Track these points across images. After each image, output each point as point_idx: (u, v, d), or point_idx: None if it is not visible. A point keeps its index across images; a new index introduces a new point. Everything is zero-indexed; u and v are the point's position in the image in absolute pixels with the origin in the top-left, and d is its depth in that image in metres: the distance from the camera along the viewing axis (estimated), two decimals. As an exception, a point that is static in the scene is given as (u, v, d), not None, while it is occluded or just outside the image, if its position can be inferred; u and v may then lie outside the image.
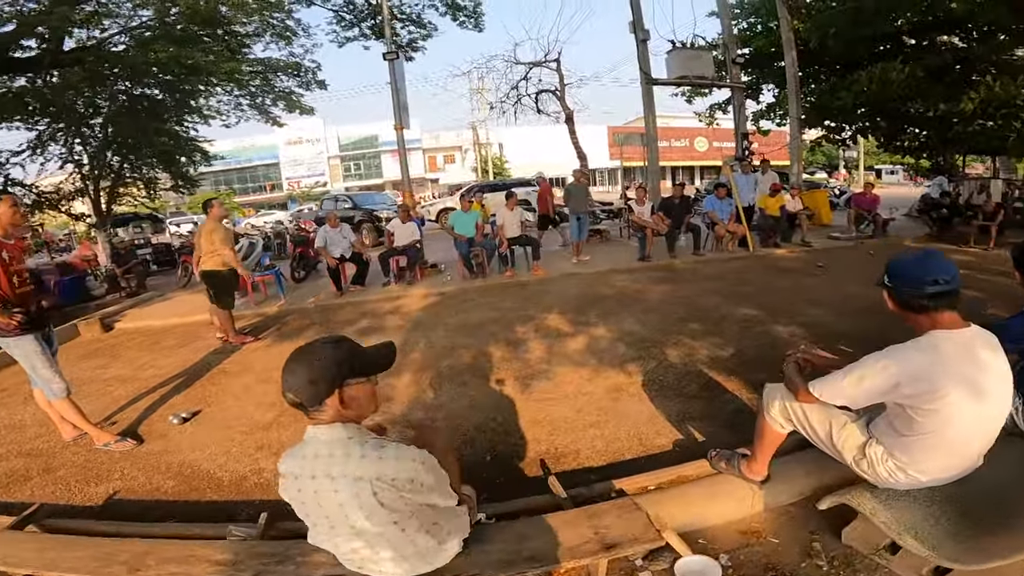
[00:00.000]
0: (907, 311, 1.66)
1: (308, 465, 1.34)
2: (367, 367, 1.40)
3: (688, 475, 2.40)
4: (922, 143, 14.44)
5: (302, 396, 1.31)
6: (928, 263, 1.62)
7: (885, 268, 1.72)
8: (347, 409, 1.33)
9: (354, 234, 7.92)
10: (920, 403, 1.56)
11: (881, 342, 1.97)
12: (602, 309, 5.75)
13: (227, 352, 5.49)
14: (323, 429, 1.34)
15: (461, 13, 13.64)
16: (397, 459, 1.32)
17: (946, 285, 1.56)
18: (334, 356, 1.33)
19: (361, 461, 1.29)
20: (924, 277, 1.58)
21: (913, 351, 1.58)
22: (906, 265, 1.66)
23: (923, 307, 1.60)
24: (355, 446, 1.32)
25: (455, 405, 3.63)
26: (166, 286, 10.32)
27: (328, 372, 1.31)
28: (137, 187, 11.93)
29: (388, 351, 1.50)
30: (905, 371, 1.56)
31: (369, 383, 1.40)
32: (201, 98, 12.07)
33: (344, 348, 1.38)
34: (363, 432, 1.37)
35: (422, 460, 1.35)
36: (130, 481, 2.97)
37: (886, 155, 28.32)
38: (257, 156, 43.84)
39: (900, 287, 1.65)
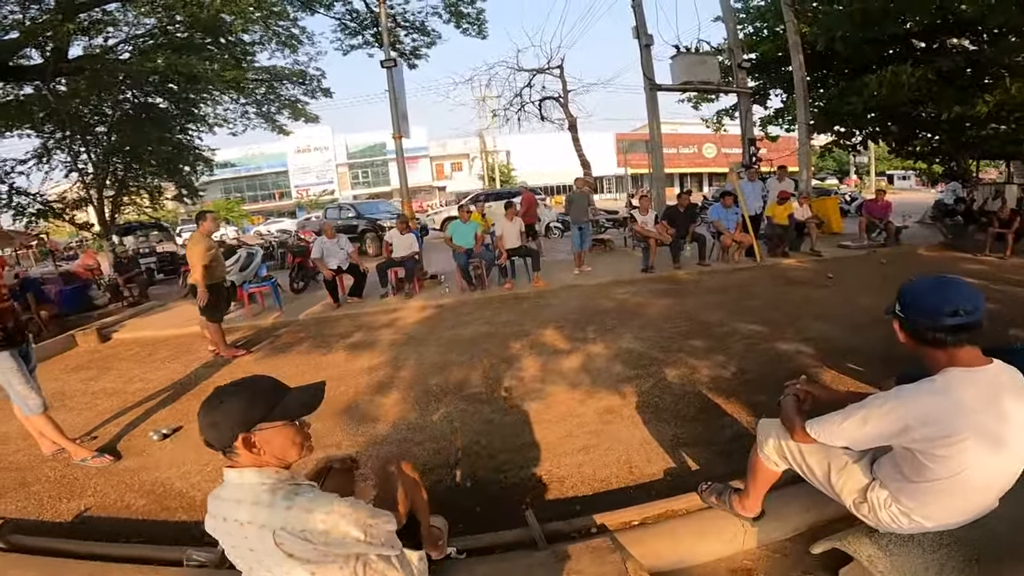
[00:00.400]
0: (921, 345, 1.45)
1: (221, 507, 1.28)
2: (285, 410, 1.30)
3: (676, 509, 2.24)
4: (934, 148, 14.13)
5: (208, 439, 1.26)
6: (948, 291, 1.41)
7: (897, 295, 1.52)
8: (259, 454, 1.26)
9: (351, 244, 7.81)
10: (931, 448, 1.38)
11: (891, 360, 1.80)
12: (600, 324, 5.58)
13: (218, 365, 5.42)
14: (235, 473, 1.27)
15: (464, 20, 13.59)
16: (308, 511, 1.22)
17: (968, 317, 1.36)
18: (238, 400, 1.26)
19: (267, 510, 1.21)
20: (942, 307, 1.37)
21: (925, 393, 1.40)
22: (922, 292, 1.46)
23: (939, 341, 1.40)
24: (264, 493, 1.23)
25: (439, 426, 3.49)
26: (168, 295, 10.31)
27: (231, 417, 1.24)
28: (141, 196, 11.98)
29: (311, 393, 1.40)
30: (915, 414, 1.38)
31: (288, 427, 1.30)
32: (206, 106, 12.16)
33: (251, 392, 1.30)
34: (281, 478, 1.28)
35: (342, 512, 1.25)
36: (102, 498, 2.95)
37: (898, 160, 27.93)
38: (267, 164, 44.22)
39: (914, 318, 1.44)
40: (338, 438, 3.49)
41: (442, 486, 2.83)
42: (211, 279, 5.39)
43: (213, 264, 5.41)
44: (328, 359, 5.23)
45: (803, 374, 2.14)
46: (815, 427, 1.57)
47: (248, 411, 1.25)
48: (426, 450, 3.20)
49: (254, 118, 13.93)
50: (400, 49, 13.72)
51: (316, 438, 3.42)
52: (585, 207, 8.92)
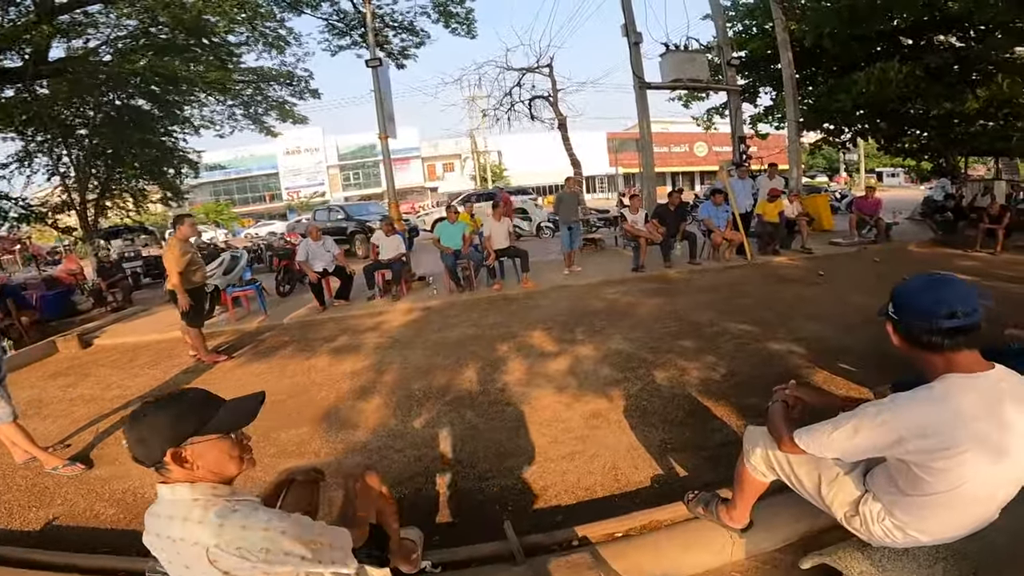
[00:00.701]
0: (916, 348, 1.35)
1: (156, 523, 1.24)
2: (218, 424, 1.25)
3: (661, 520, 2.15)
4: (923, 145, 14.17)
5: (136, 455, 1.21)
6: (943, 291, 1.31)
7: (890, 296, 1.42)
8: (192, 469, 1.21)
9: (337, 247, 7.67)
10: (928, 461, 1.29)
11: (884, 360, 1.71)
12: (589, 325, 5.49)
13: (198, 371, 5.31)
14: (167, 489, 1.23)
15: (453, 20, 13.48)
16: (243, 527, 1.16)
17: (965, 319, 1.26)
18: (165, 414, 1.21)
19: (198, 527, 1.16)
20: (937, 309, 1.27)
21: (922, 402, 1.29)
22: (915, 293, 1.36)
23: (936, 345, 1.30)
24: (196, 510, 1.18)
25: (420, 432, 3.38)
26: (152, 300, 10.15)
27: (158, 432, 1.19)
28: (124, 199, 11.78)
29: (247, 406, 1.33)
30: (910, 425, 1.28)
31: (222, 440, 1.25)
32: (191, 108, 11.99)
33: (179, 405, 1.24)
34: (218, 493, 1.23)
35: (282, 529, 1.18)
36: (71, 507, 2.90)
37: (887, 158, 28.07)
38: (256, 166, 43.90)
39: (908, 320, 1.34)
40: (316, 446, 3.39)
41: (422, 496, 2.72)
42: (189, 284, 5.25)
43: (191, 269, 5.27)
44: (310, 363, 5.11)
45: (792, 378, 2.06)
46: (803, 437, 1.47)
47: (176, 425, 1.20)
48: (406, 457, 3.09)
49: (241, 120, 13.77)
50: (388, 49, 13.59)
51: (294, 446, 3.40)
52: (575, 206, 8.84)
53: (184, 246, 5.23)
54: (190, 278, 5.27)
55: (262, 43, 12.03)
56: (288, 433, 3.59)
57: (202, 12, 9.15)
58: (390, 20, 13.26)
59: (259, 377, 4.90)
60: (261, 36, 11.79)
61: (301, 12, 12.43)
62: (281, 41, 12.31)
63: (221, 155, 42.80)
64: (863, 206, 9.91)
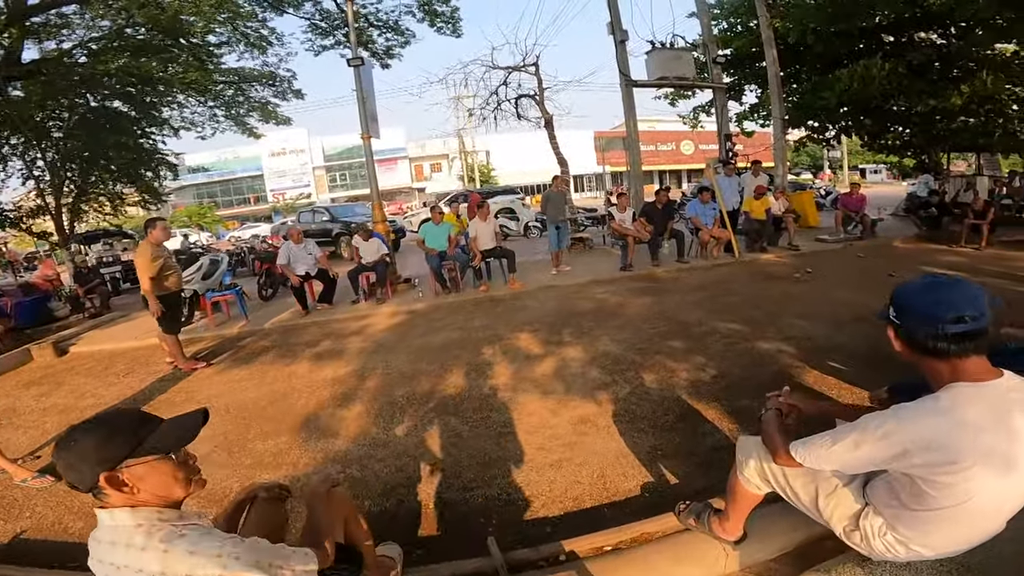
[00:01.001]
0: (920, 355, 1.26)
1: (98, 549, 1.18)
2: (157, 444, 1.18)
3: (651, 532, 2.06)
4: (906, 141, 14.30)
5: (70, 481, 1.15)
6: (948, 293, 1.21)
7: (890, 298, 1.32)
8: (133, 493, 1.14)
9: (319, 249, 7.51)
10: (933, 475, 1.20)
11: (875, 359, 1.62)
12: (577, 326, 5.40)
13: (175, 379, 5.16)
14: (106, 515, 1.16)
15: (439, 19, 13.38)
16: (191, 553, 1.09)
17: (973, 323, 1.16)
18: (94, 437, 1.14)
19: (142, 554, 1.10)
20: (943, 313, 1.18)
21: (927, 414, 1.20)
22: (918, 295, 1.26)
23: (941, 352, 1.20)
24: (139, 536, 1.12)
25: (403, 441, 3.27)
26: (132, 306, 9.90)
27: (88, 456, 1.12)
28: (100, 203, 11.50)
29: (186, 424, 1.27)
30: (915, 438, 1.19)
31: (163, 462, 1.18)
32: (169, 110, 11.76)
33: (108, 427, 1.17)
34: (163, 518, 1.16)
35: (236, 554, 1.11)
36: (39, 520, 2.84)
37: (869, 154, 28.36)
38: (241, 168, 43.37)
39: (911, 325, 1.25)
40: (295, 455, 3.26)
41: (404, 507, 2.62)
42: (163, 290, 5.09)
43: (165, 274, 5.11)
44: (291, 369, 4.97)
45: (784, 379, 1.97)
46: (801, 450, 1.38)
47: (106, 448, 1.12)
48: (388, 467, 2.98)
49: (223, 121, 13.55)
50: (373, 49, 13.47)
51: (272, 456, 3.27)
52: (562, 206, 8.76)
53: (156, 250, 5.06)
54: (163, 283, 5.10)
55: (243, 43, 11.85)
56: (265, 443, 3.47)
57: (179, 12, 8.96)
58: (374, 19, 13.13)
59: (238, 384, 4.75)
60: (242, 36, 11.61)
61: (283, 12, 12.25)
62: (263, 41, 12.13)
63: (205, 157, 42.25)
64: (848, 203, 9.94)
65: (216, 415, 4.06)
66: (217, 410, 4.15)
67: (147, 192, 11.80)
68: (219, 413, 4.09)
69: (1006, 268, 6.56)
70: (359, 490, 2.78)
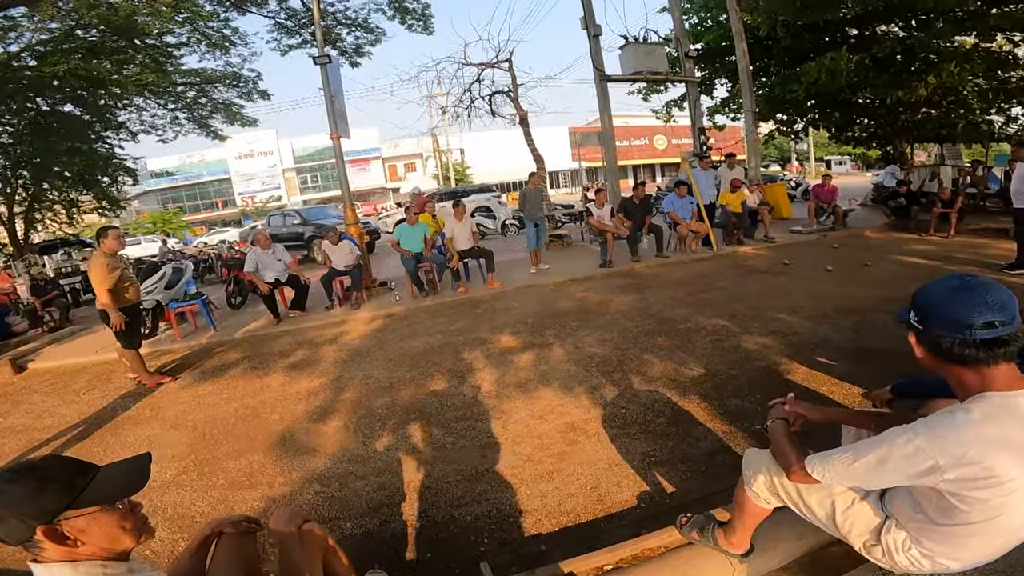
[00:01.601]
0: (946, 363, 1.16)
1: None
2: (98, 494, 1.07)
3: (653, 548, 1.94)
4: (871, 133, 14.61)
5: None
6: (977, 296, 1.09)
7: (911, 301, 1.21)
8: (75, 546, 1.04)
9: (289, 254, 7.22)
10: (965, 490, 1.11)
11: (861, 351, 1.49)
12: (560, 327, 5.28)
13: (139, 396, 4.88)
14: (42, 570, 1.05)
15: (409, 16, 13.15)
16: None
17: (1003, 328, 1.06)
18: (23, 488, 1.03)
19: None
20: (973, 318, 1.07)
21: (960, 427, 1.10)
22: (943, 299, 1.14)
23: (970, 360, 1.10)
24: None
25: (384, 456, 3.10)
26: (93, 318, 9.44)
27: (17, 508, 1.01)
28: (55, 211, 10.95)
29: (131, 471, 1.15)
30: (947, 453, 1.09)
31: (106, 513, 1.08)
32: (126, 113, 11.25)
33: (38, 478, 1.05)
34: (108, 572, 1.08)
35: None
36: None
37: (835, 147, 29.04)
38: (207, 171, 42.12)
39: (935, 331, 1.13)
40: (270, 475, 3.07)
41: (388, 528, 2.46)
42: (122, 302, 4.79)
43: (122, 286, 4.80)
44: (263, 382, 4.73)
45: (774, 376, 1.88)
46: (819, 467, 1.27)
47: (38, 500, 1.02)
48: (369, 485, 2.82)
49: (185, 123, 13.12)
50: (342, 47, 13.18)
51: (245, 476, 3.05)
52: (539, 203, 8.64)
53: (112, 261, 4.75)
54: (122, 295, 4.80)
55: (205, 44, 11.47)
56: (238, 462, 3.27)
57: (133, 13, 8.55)
58: (343, 17, 12.84)
59: (206, 399, 4.51)
60: (203, 37, 11.22)
61: (246, 11, 11.86)
62: (226, 41, 11.75)
63: (168, 161, 41.17)
64: (820, 194, 10.06)
65: (184, 433, 3.88)
66: (185, 427, 3.95)
67: (104, 199, 11.26)
68: (187, 430, 3.88)
69: (977, 255, 6.69)
70: (340, 511, 2.62)
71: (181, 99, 12.02)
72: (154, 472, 3.20)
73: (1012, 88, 11.07)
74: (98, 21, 8.43)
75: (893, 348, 3.53)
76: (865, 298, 5.05)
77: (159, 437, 3.83)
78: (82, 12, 8.35)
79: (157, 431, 3.96)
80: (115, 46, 9.48)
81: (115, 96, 10.11)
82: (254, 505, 2.78)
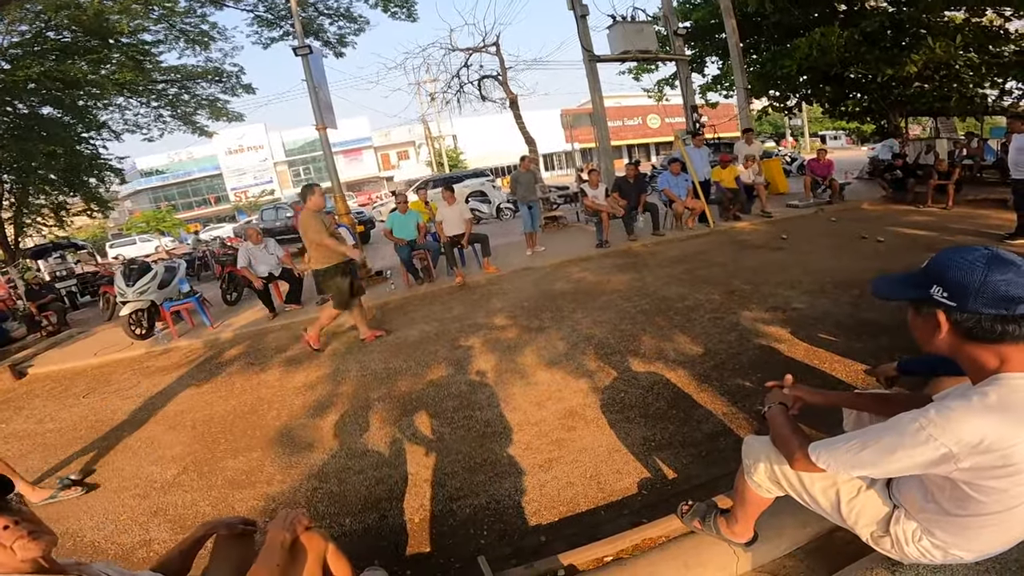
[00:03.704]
0: (968, 342, 1.06)
1: None
2: None
3: (655, 537, 1.90)
4: (865, 108, 14.45)
5: None
6: (1019, 271, 1.00)
7: (927, 274, 1.10)
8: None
9: (282, 248, 7.13)
10: (981, 479, 1.05)
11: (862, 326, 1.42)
12: (557, 310, 5.22)
13: (138, 397, 4.86)
14: None
15: (392, 4, 12.93)
16: None
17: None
18: None
19: None
20: (1019, 292, 0.98)
21: (976, 412, 1.02)
22: (982, 274, 1.01)
23: (1008, 336, 1.01)
24: None
25: (382, 449, 3.06)
26: (91, 321, 9.43)
27: None
28: (43, 215, 10.82)
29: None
30: (963, 441, 1.02)
31: None
32: (108, 113, 11.08)
33: None
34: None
35: None
36: None
37: (829, 121, 28.77)
38: (197, 168, 41.72)
39: (979, 308, 1.01)
40: (269, 472, 3.04)
41: (387, 523, 2.42)
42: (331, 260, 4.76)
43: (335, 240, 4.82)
44: (260, 378, 4.69)
45: (774, 357, 1.82)
46: (824, 455, 1.21)
47: None
48: (367, 479, 2.79)
49: (170, 121, 12.95)
50: (325, 38, 12.98)
51: (244, 474, 3.03)
52: (532, 185, 8.54)
53: (319, 216, 4.70)
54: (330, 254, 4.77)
55: (183, 40, 11.26)
56: (236, 460, 3.24)
57: (102, 12, 8.33)
58: (324, 7, 12.63)
59: (204, 397, 4.47)
60: (181, 33, 11.00)
61: (223, 6, 11.62)
62: (204, 37, 11.56)
63: (157, 160, 40.75)
64: (816, 168, 9.97)
65: (183, 433, 3.86)
66: (183, 427, 3.93)
67: (92, 200, 11.12)
68: (186, 430, 3.86)
69: (975, 226, 6.63)
70: (338, 506, 2.60)
71: (163, 96, 11.85)
72: (154, 474, 3.25)
73: (1005, 63, 10.92)
74: (68, 22, 8.23)
75: (893, 322, 3.50)
76: (863, 271, 4.99)
77: (159, 438, 3.81)
78: (51, 14, 8.15)
79: (157, 432, 3.94)
80: (89, 46, 9.28)
81: (94, 96, 9.92)
82: (254, 504, 2.75)
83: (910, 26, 10.65)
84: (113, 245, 26.59)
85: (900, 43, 10.88)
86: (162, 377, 5.28)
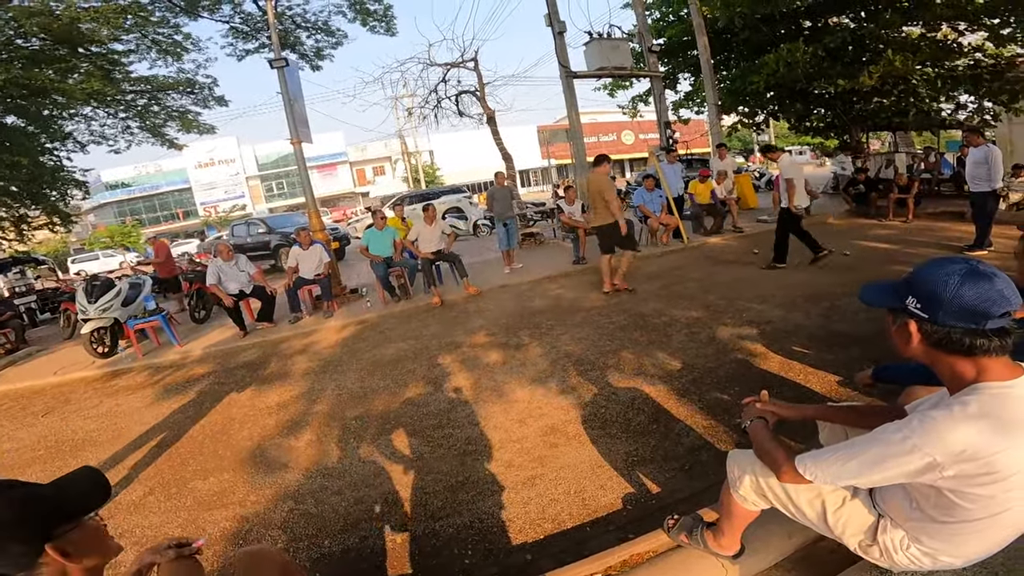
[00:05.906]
0: (944, 353, 1.09)
1: None
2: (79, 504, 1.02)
3: (641, 552, 1.89)
4: (828, 123, 15.00)
5: None
6: (992, 285, 1.02)
7: (906, 286, 1.13)
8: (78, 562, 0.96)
9: (253, 265, 6.97)
10: (967, 487, 1.07)
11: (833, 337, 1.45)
12: (535, 327, 5.22)
13: (99, 417, 4.68)
14: None
15: (371, 18, 12.92)
16: None
17: (1008, 318, 1.02)
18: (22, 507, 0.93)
19: None
20: (991, 308, 1.01)
21: (959, 421, 1.04)
22: (956, 287, 1.04)
23: (979, 350, 1.04)
24: None
25: (360, 469, 2.99)
26: (50, 338, 9.04)
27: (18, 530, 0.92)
28: (3, 228, 10.38)
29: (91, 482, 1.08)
30: (946, 450, 1.04)
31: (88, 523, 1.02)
32: (73, 123, 10.72)
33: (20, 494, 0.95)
34: None
35: None
36: None
37: (795, 137, 29.77)
38: (165, 182, 40.70)
39: (950, 320, 1.04)
40: (241, 493, 2.94)
41: (367, 546, 2.36)
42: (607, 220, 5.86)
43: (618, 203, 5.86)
44: (231, 397, 4.55)
45: (751, 371, 1.84)
46: (810, 467, 1.23)
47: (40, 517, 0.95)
48: (346, 500, 2.71)
49: (138, 133, 12.58)
50: (302, 51, 12.87)
51: (215, 496, 2.92)
52: (508, 202, 8.56)
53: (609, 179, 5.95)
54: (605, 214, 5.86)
55: (155, 50, 11.03)
56: (207, 481, 3.13)
57: (76, 20, 8.13)
58: (301, 20, 12.54)
59: (171, 417, 4.31)
60: (153, 43, 10.78)
61: (198, 17, 11.45)
62: (177, 48, 11.32)
63: (124, 172, 39.66)
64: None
65: (147, 453, 3.72)
66: (149, 447, 3.79)
67: (54, 213, 10.72)
68: (151, 450, 3.72)
69: (936, 238, 6.90)
70: (316, 528, 2.52)
71: (132, 107, 11.53)
72: (119, 494, 3.09)
73: (959, 76, 11.49)
74: (38, 30, 8.00)
75: (864, 333, 3.60)
76: (832, 284, 5.15)
77: (123, 458, 3.67)
78: (23, 21, 7.92)
79: (120, 452, 3.79)
80: (56, 54, 9.02)
81: (60, 106, 9.61)
82: (226, 526, 2.66)
83: (870, 41, 11.13)
84: (75, 260, 25.74)
85: (861, 58, 11.35)
86: (125, 397, 5.10)
